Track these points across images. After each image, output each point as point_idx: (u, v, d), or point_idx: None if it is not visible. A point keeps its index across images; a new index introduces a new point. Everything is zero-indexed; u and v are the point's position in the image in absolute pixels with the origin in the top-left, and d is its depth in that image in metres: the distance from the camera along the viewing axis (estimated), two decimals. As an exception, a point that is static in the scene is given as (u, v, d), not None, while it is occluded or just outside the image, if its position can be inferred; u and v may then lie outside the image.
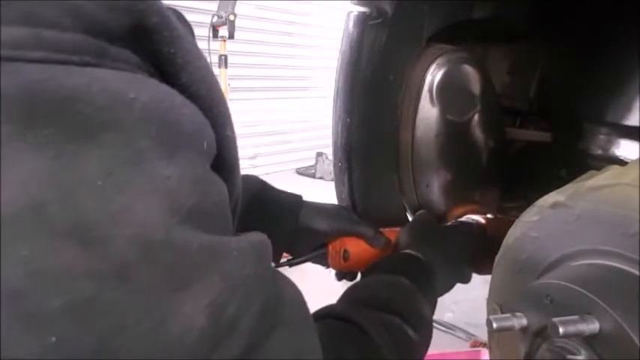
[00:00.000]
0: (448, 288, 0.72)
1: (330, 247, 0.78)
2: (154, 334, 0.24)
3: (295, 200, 0.76)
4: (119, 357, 0.23)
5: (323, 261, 0.81)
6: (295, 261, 0.78)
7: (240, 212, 0.40)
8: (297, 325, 0.35)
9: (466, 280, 0.76)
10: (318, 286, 0.40)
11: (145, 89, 0.26)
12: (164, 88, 0.28)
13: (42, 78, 0.23)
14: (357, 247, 0.77)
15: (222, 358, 0.27)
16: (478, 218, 0.88)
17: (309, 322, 0.37)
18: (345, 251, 0.77)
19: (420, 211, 0.86)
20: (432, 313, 0.63)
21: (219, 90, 0.35)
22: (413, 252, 0.69)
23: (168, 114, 0.27)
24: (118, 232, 0.23)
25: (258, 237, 0.33)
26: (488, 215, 0.93)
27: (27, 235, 0.21)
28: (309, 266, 0.80)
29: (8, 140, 0.21)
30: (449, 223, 0.88)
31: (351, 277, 0.83)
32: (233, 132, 0.37)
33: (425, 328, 0.58)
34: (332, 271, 0.83)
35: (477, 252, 0.75)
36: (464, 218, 0.89)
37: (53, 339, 0.21)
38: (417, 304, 0.59)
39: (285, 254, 0.78)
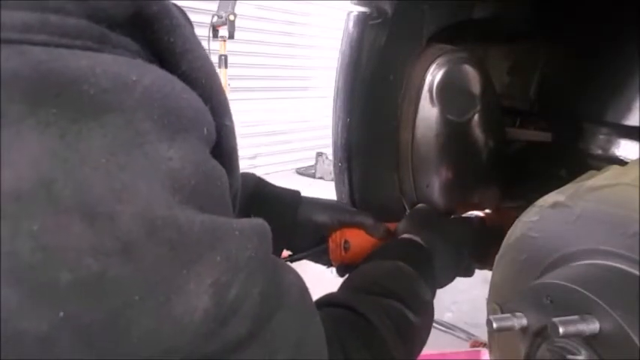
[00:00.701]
0: (449, 276, 0.72)
1: (330, 241, 0.77)
2: (159, 312, 0.24)
3: (294, 195, 0.76)
4: (126, 333, 0.24)
5: (324, 258, 0.80)
6: (296, 257, 0.77)
7: (239, 209, 0.40)
8: (300, 308, 0.36)
9: (468, 273, 0.75)
10: (317, 284, 0.40)
11: (147, 73, 0.27)
12: (165, 74, 0.29)
13: (48, 59, 0.23)
14: (357, 238, 0.77)
15: (226, 338, 0.28)
16: (477, 213, 0.88)
17: (311, 306, 0.38)
18: (346, 242, 0.76)
19: (420, 204, 0.85)
20: (432, 297, 0.63)
21: (218, 80, 0.36)
22: (412, 237, 0.69)
23: (170, 98, 0.28)
24: (122, 208, 0.24)
25: (259, 221, 0.34)
26: (487, 210, 0.93)
27: (37, 211, 0.22)
28: (309, 265, 0.80)
29: (20, 119, 0.22)
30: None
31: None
32: (232, 122, 0.37)
33: (425, 312, 0.58)
34: (333, 270, 0.82)
35: (477, 241, 0.75)
36: (465, 215, 0.89)
37: (61, 314, 0.22)
38: (416, 288, 0.59)
39: (284, 253, 0.78)
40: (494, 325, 0.51)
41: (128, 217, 0.24)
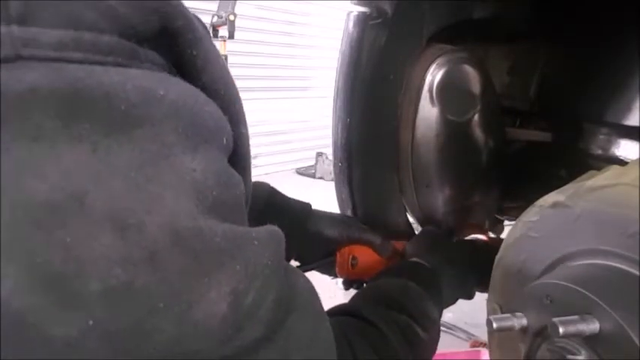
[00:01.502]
0: (453, 300, 0.74)
1: (338, 255, 0.79)
2: (181, 319, 0.25)
3: (304, 207, 0.78)
4: (148, 339, 0.25)
5: (330, 270, 0.82)
6: (303, 268, 0.78)
7: (252, 218, 0.41)
8: (311, 311, 0.37)
9: (470, 295, 0.77)
10: (324, 294, 0.41)
11: (173, 87, 0.28)
12: (189, 87, 0.30)
13: (83, 77, 0.24)
14: (365, 255, 0.79)
15: (242, 342, 0.29)
16: (482, 237, 0.89)
17: (320, 309, 0.39)
18: (354, 258, 0.78)
19: (428, 226, 0.87)
20: (439, 317, 0.65)
21: (235, 88, 0.37)
22: (421, 261, 0.71)
23: (193, 110, 0.29)
24: (149, 219, 0.25)
25: (274, 228, 0.35)
26: (491, 235, 0.94)
27: (70, 222, 0.23)
28: (314, 275, 0.81)
29: (55, 134, 0.23)
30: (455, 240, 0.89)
31: (358, 286, 0.84)
32: (247, 129, 0.38)
33: (433, 329, 0.60)
34: (339, 281, 0.83)
35: (482, 268, 0.76)
36: (469, 237, 0.90)
37: (90, 322, 0.23)
38: (425, 306, 0.61)
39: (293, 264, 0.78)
40: (494, 325, 0.51)
41: (155, 228, 0.25)
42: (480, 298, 0.77)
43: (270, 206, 0.73)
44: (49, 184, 0.22)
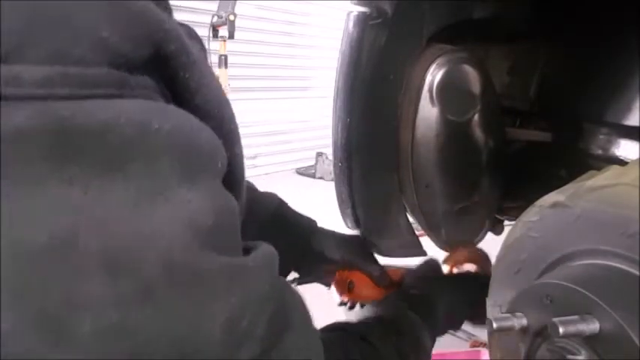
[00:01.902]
0: (445, 330, 0.77)
1: (337, 274, 0.83)
2: (174, 348, 0.25)
3: (310, 224, 0.80)
4: None
5: (327, 281, 0.86)
6: (302, 281, 0.81)
7: (259, 228, 0.42)
8: (303, 329, 0.37)
9: (459, 327, 0.81)
10: (320, 299, 0.43)
11: (167, 117, 0.27)
12: (182, 114, 0.29)
13: (72, 114, 0.23)
14: (361, 281, 0.82)
15: None
16: (475, 269, 0.91)
17: (312, 325, 0.40)
18: (351, 282, 0.82)
19: (427, 258, 0.89)
20: (432, 346, 0.68)
21: (229, 109, 0.36)
22: (418, 292, 0.74)
23: (189, 139, 0.28)
24: (144, 256, 0.24)
25: (269, 250, 0.35)
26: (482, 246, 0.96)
27: (62, 267, 0.23)
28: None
29: (46, 176, 0.23)
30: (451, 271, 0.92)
31: (351, 306, 0.87)
32: (241, 149, 0.38)
33: (424, 357, 0.63)
34: (334, 289, 0.85)
35: (474, 302, 0.79)
36: (464, 267, 0.92)
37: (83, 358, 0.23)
38: (422, 336, 0.64)
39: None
40: (494, 325, 0.51)
41: (150, 265, 0.24)
42: (480, 298, 0.78)
43: (276, 219, 0.75)
44: (41, 229, 0.22)
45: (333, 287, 0.85)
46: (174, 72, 0.30)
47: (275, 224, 0.74)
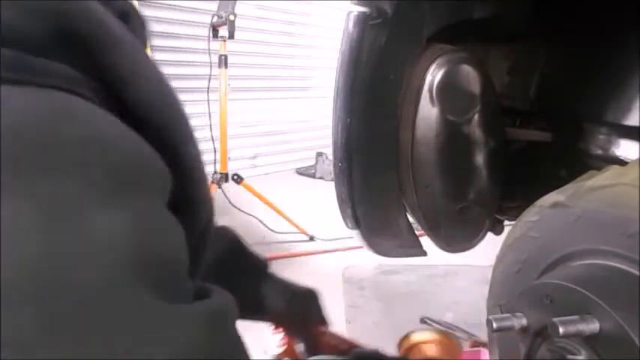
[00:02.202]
0: None
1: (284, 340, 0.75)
2: None
3: (260, 268, 0.70)
4: None
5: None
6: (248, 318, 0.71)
7: (212, 262, 0.37)
8: None
9: None
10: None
11: (83, 118, 0.23)
12: (105, 116, 0.25)
13: None
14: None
15: None
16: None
17: None
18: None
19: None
20: None
21: (176, 101, 0.32)
22: None
23: (112, 151, 0.24)
24: (50, 290, 0.21)
25: (220, 300, 0.29)
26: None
27: None
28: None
29: None
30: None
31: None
32: (195, 147, 0.33)
33: None
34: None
35: None
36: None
37: None
38: None
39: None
40: (494, 325, 0.51)
41: (56, 301, 0.21)
42: (480, 298, 0.77)
43: (228, 257, 0.66)
44: None
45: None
46: (97, 58, 0.26)
47: (226, 261, 0.64)
